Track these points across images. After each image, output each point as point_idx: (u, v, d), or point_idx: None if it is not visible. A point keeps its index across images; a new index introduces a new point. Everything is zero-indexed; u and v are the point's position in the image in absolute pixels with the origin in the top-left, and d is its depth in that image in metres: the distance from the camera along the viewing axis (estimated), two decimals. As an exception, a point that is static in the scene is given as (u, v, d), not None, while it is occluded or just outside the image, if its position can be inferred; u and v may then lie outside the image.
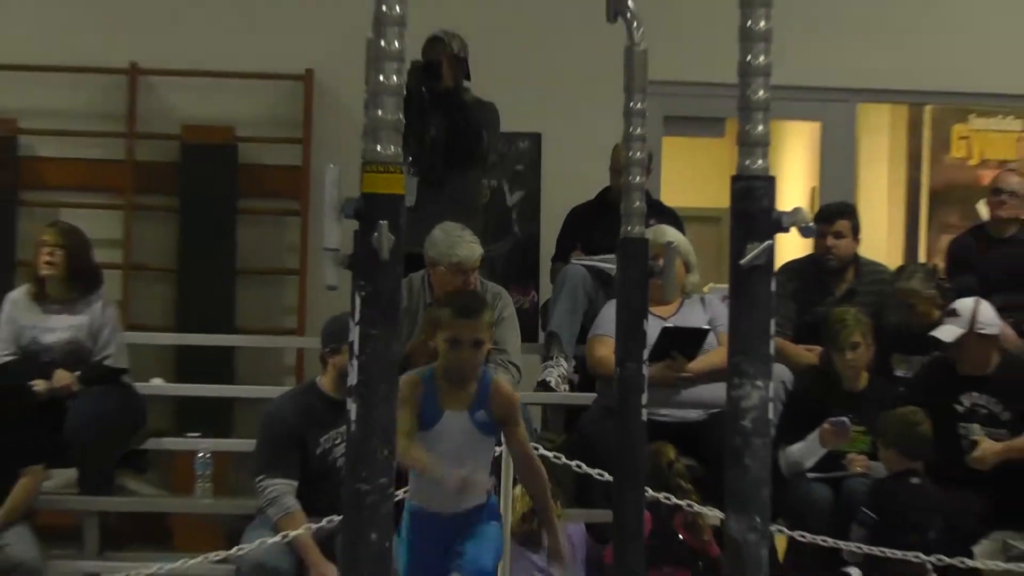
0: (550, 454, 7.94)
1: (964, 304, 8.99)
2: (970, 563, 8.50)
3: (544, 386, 8.97)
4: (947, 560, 8.34)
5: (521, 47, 10.09)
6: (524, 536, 7.31)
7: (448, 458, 5.69)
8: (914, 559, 8.13)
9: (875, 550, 8.10)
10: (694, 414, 8.68)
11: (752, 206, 3.93)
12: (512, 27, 10.08)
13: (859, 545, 8.16)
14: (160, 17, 10.91)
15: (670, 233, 8.78)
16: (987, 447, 8.68)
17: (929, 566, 8.34)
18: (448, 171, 8.89)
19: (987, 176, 10.96)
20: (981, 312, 8.94)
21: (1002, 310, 9.11)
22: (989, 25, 11.00)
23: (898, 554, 8.10)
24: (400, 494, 5.02)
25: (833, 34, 10.53)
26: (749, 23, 3.86)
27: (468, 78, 9.53)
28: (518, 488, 6.82)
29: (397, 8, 3.82)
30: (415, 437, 5.60)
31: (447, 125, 9.36)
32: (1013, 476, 8.29)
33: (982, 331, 8.89)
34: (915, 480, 8.42)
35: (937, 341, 9.03)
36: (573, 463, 8.15)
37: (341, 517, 5.48)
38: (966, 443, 8.74)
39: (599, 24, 5.62)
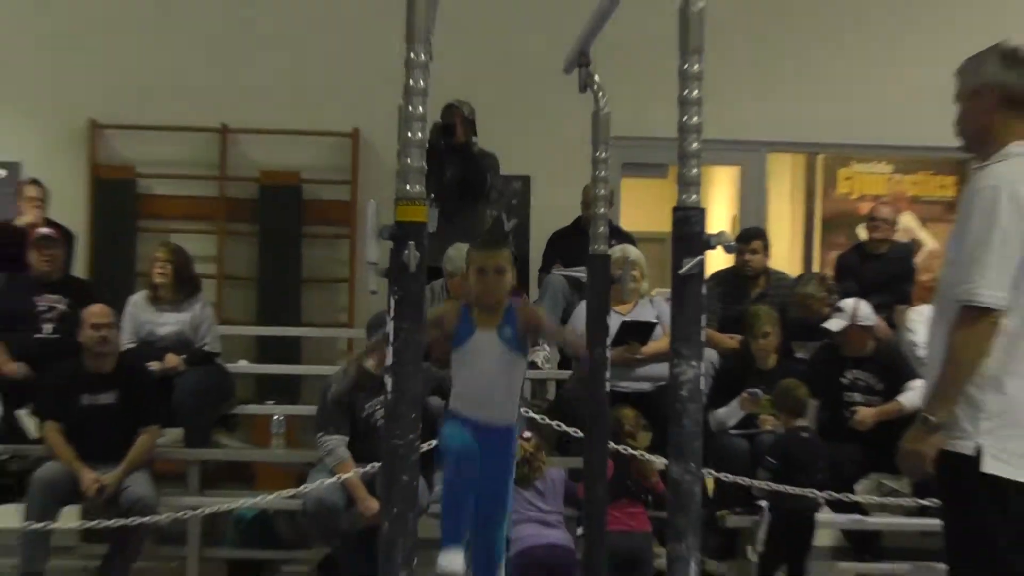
0: (538, 416, 7.96)
1: (847, 303, 9.00)
2: (852, 498, 8.51)
3: (532, 365, 8.94)
4: (835, 495, 8.37)
5: (516, 112, 10.06)
6: (518, 479, 7.27)
7: (480, 372, 5.51)
8: (809, 495, 8.19)
9: (778, 487, 8.15)
10: (646, 386, 8.68)
11: (688, 230, 3.99)
12: (509, 96, 10.06)
13: (767, 484, 8.19)
14: (243, 89, 10.88)
15: (627, 251, 8.82)
16: (864, 413, 8.68)
17: (821, 500, 8.38)
18: (460, 205, 8.88)
19: (865, 207, 10.95)
20: (860, 309, 8.95)
21: (876, 308, 9.12)
22: (865, 93, 10.97)
23: (796, 491, 8.16)
24: (424, 446, 4.96)
25: (749, 100, 10.53)
26: (685, 92, 3.92)
27: (475, 134, 9.52)
28: None
29: (421, 82, 3.91)
30: (449, 329, 5.48)
31: (460, 170, 9.37)
32: (885, 431, 8.28)
33: (861, 323, 8.90)
34: (805, 434, 8.44)
35: (827, 331, 9.02)
36: (555, 423, 8.18)
37: (380, 464, 5.49)
38: (849, 409, 8.75)
39: (574, 94, 5.64)
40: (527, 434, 7.41)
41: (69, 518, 8.48)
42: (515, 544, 7.17)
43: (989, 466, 4.39)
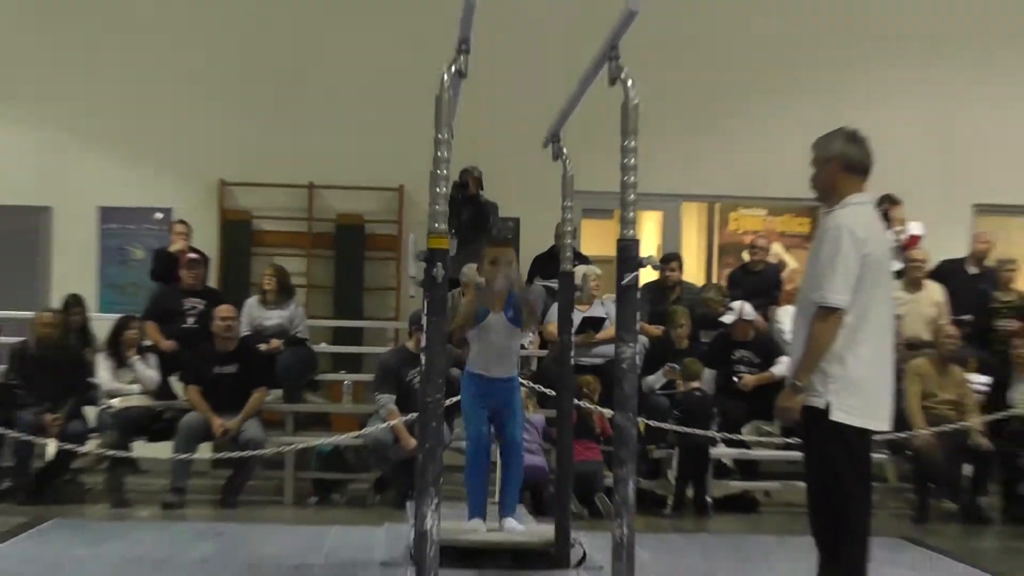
0: (526, 383, 7.92)
1: (736, 304, 9.02)
2: (739, 437, 8.50)
3: (521, 346, 8.92)
4: (728, 436, 8.37)
5: (511, 172, 9.99)
6: None
7: (492, 342, 5.69)
8: (704, 435, 8.20)
9: (683, 430, 8.17)
10: (599, 360, 8.62)
11: (627, 254, 3.99)
12: (506, 161, 9.99)
13: (679, 428, 8.19)
14: (323, 156, 10.83)
15: (586, 269, 8.80)
16: (748, 380, 8.70)
17: (716, 439, 8.36)
18: (471, 237, 8.83)
19: (747, 239, 10.90)
20: (745, 308, 8.96)
21: (756, 307, 9.11)
22: (746, 160, 10.94)
23: (697, 432, 8.14)
24: (447, 402, 4.93)
25: (669, 165, 10.49)
26: (624, 161, 3.89)
27: (482, 188, 9.52)
28: None
29: (444, 154, 3.93)
30: (471, 321, 5.64)
31: (471, 213, 9.35)
32: (762, 392, 8.28)
33: (745, 318, 8.90)
34: (698, 393, 8.47)
35: (722, 323, 9.04)
36: (537, 386, 8.17)
37: (417, 414, 5.47)
38: (737, 376, 8.74)
39: (550, 161, 5.60)
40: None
41: (204, 451, 8.49)
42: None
43: (835, 416, 4.38)
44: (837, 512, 4.47)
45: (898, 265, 8.91)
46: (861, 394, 4.41)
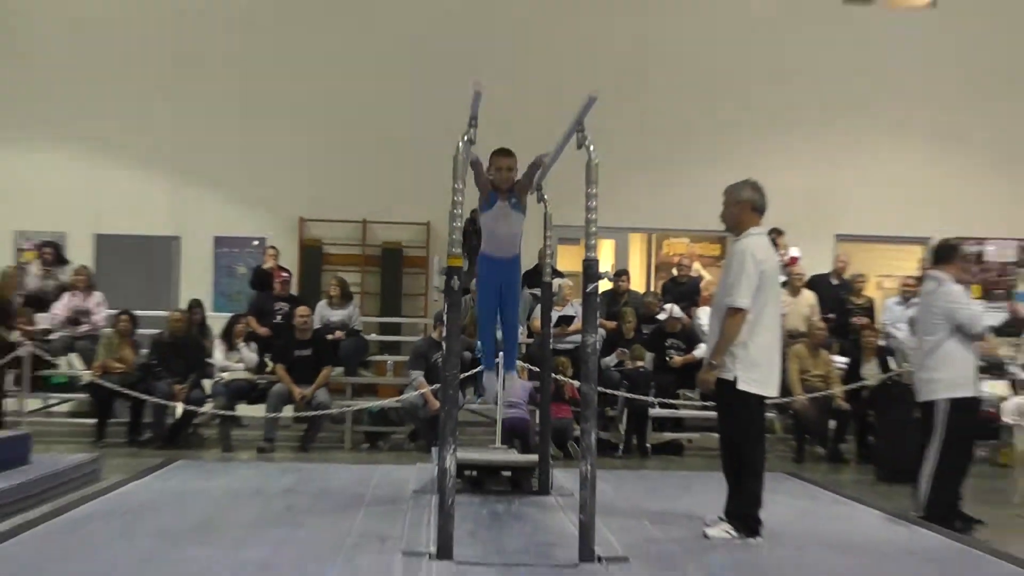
0: (519, 362, 7.84)
1: (668, 306, 8.96)
2: (670, 402, 8.41)
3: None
4: (663, 400, 8.30)
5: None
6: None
7: (498, 228, 5.08)
8: (647, 400, 8.12)
9: (629, 395, 8.06)
10: (570, 346, 8.45)
11: (591, 270, 3.90)
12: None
13: (627, 395, 8.10)
14: (373, 198, 10.76)
15: (561, 280, 8.72)
16: (676, 360, 8.62)
17: (653, 403, 8.30)
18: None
19: (676, 259, 10.87)
20: (674, 309, 8.90)
21: (682, 308, 9.04)
22: (676, 201, 10.88)
23: (640, 397, 8.07)
24: (462, 375, 4.87)
25: (619, 206, 10.36)
26: (588, 204, 3.82)
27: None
28: None
29: (460, 198, 3.83)
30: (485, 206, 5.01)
31: (478, 241, 9.17)
32: (687, 369, 8.22)
33: (675, 316, 8.83)
34: (641, 369, 8.42)
35: (658, 320, 8.95)
36: (526, 364, 8.08)
37: (440, 384, 5.39)
38: (669, 357, 8.66)
39: (533, 204, 5.51)
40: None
41: (287, 411, 8.39)
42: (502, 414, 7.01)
43: (741, 385, 4.38)
44: (741, 454, 4.46)
45: (783, 278, 8.85)
46: (758, 370, 4.39)
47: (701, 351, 7.95)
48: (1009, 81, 11.14)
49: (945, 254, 5.36)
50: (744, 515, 4.39)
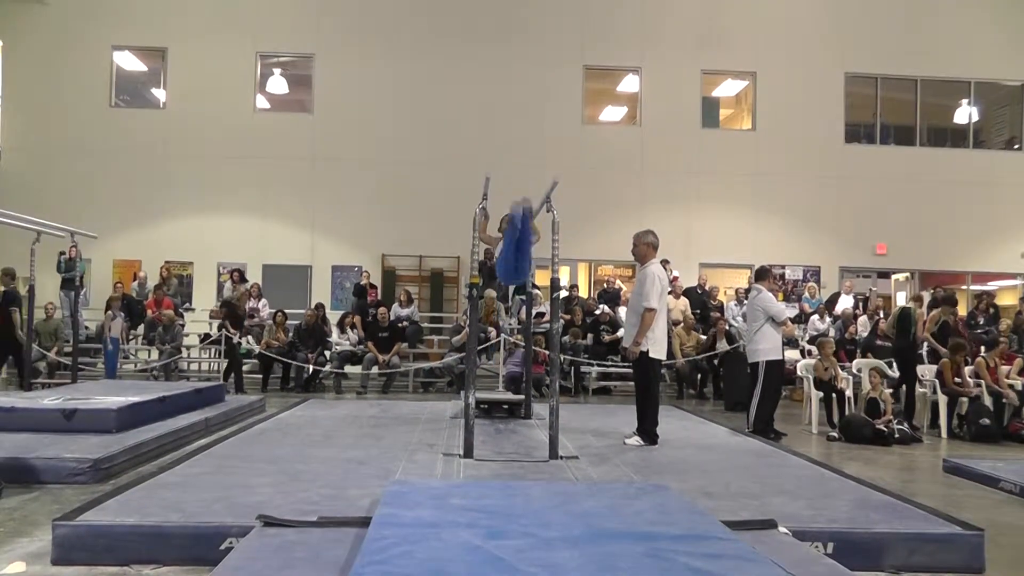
0: (512, 339, 7.65)
1: (602, 306, 8.77)
2: (602, 363, 8.26)
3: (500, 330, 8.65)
4: (597, 362, 8.05)
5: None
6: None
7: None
8: (588, 362, 7.87)
9: (573, 359, 7.84)
10: (544, 330, 8.17)
11: (555, 285, 3.74)
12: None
13: (576, 359, 7.90)
14: (426, 239, 10.46)
15: (537, 291, 8.45)
16: (606, 338, 8.39)
17: (592, 365, 8.06)
18: (488, 280, 8.59)
19: (605, 277, 10.65)
20: (604, 308, 8.72)
21: (609, 307, 8.86)
22: (606, 244, 10.64)
23: (585, 361, 7.84)
24: (478, 348, 4.64)
25: (573, 245, 10.08)
26: (554, 245, 3.67)
27: (492, 259, 9.07)
28: None
29: (476, 243, 3.65)
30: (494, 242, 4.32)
31: (489, 269, 8.88)
32: (612, 344, 8.02)
33: (605, 311, 8.62)
34: (585, 344, 8.21)
35: (596, 314, 8.74)
36: (518, 341, 7.84)
37: (464, 354, 5.21)
38: (602, 337, 8.45)
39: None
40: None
41: (374, 370, 8.15)
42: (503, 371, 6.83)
43: (650, 354, 4.33)
44: (645, 394, 4.39)
45: (669, 288, 8.69)
46: (659, 344, 4.36)
47: (620, 333, 7.79)
48: (802, 167, 11.09)
49: (762, 273, 5.55)
50: (648, 430, 4.40)
